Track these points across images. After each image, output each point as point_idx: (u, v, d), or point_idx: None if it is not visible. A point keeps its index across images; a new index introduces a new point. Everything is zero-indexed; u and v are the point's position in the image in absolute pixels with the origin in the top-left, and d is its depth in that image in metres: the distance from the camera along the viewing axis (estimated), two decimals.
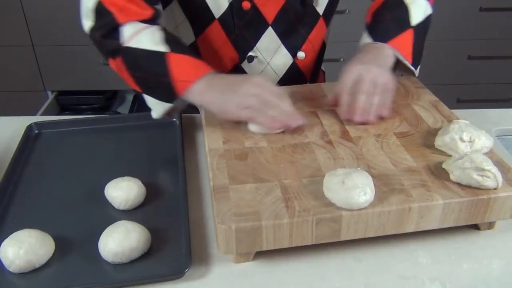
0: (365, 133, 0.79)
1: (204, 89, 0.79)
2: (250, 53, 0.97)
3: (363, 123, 0.81)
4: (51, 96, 2.21)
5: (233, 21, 0.93)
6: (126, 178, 0.76)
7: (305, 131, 0.80)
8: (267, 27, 0.94)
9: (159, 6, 0.88)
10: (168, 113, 0.86)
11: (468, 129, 0.74)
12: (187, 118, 0.98)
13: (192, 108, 0.88)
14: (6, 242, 0.65)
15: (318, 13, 0.96)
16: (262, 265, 0.67)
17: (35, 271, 0.65)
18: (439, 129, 0.78)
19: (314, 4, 0.95)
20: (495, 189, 0.66)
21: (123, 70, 0.84)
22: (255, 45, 0.96)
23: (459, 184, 0.67)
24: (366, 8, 0.98)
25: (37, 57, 2.11)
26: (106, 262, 0.65)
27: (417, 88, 0.93)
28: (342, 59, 2.02)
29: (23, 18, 2.01)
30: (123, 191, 0.74)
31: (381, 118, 0.82)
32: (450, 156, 0.73)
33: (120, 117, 1.00)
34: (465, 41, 2.12)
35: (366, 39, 0.91)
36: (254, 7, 0.91)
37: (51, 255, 0.66)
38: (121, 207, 0.74)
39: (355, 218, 0.63)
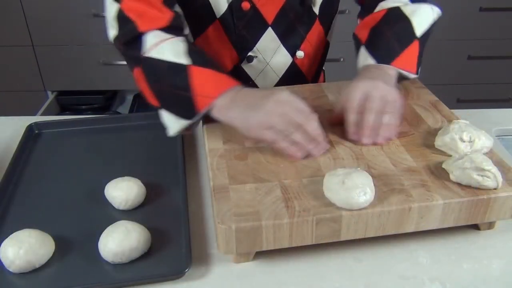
0: None
1: (226, 105, 0.75)
2: (249, 53, 0.97)
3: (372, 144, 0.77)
4: (51, 96, 2.21)
5: (233, 21, 0.93)
6: (126, 178, 0.76)
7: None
8: (266, 27, 0.95)
9: (178, 9, 0.86)
10: (187, 129, 0.81)
11: (468, 129, 0.74)
12: None
13: None
14: (6, 242, 0.65)
15: (314, 13, 0.96)
16: (262, 265, 0.67)
17: (35, 271, 0.65)
18: (439, 129, 0.78)
19: (312, 5, 0.95)
20: (495, 189, 0.66)
21: (142, 81, 0.81)
22: (254, 45, 0.96)
23: (459, 184, 0.67)
24: None
25: (37, 57, 2.11)
26: (106, 262, 0.65)
27: (417, 88, 0.93)
28: (342, 59, 2.02)
29: (23, 18, 2.01)
30: (123, 191, 0.74)
31: (389, 140, 0.77)
32: (450, 156, 0.73)
33: (120, 117, 1.00)
34: (465, 41, 2.12)
35: (368, 60, 0.85)
36: (253, 8, 0.92)
37: (51, 255, 0.66)
38: (121, 207, 0.74)
39: (355, 218, 0.63)
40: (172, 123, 0.80)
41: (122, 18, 0.80)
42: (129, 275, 0.64)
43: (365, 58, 0.86)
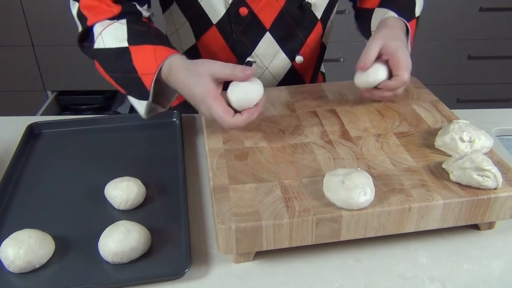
0: (365, 133, 0.79)
1: (166, 77, 0.76)
2: (248, 59, 0.97)
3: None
4: (51, 96, 2.21)
5: (230, 27, 0.92)
6: (126, 178, 0.76)
7: (305, 131, 0.80)
8: (265, 32, 0.94)
9: (134, 1, 0.86)
10: (160, 106, 0.83)
11: (468, 129, 0.74)
12: (187, 118, 0.98)
13: (192, 108, 0.88)
14: (6, 242, 0.65)
15: (316, 17, 0.96)
16: (262, 265, 0.67)
17: (35, 271, 0.65)
18: (439, 129, 0.79)
19: (312, 8, 0.94)
20: (495, 189, 0.66)
21: (102, 72, 0.83)
22: (253, 51, 0.96)
23: (459, 184, 0.67)
24: None
25: (37, 57, 2.11)
26: (106, 262, 0.65)
27: (417, 88, 0.93)
28: (342, 59, 2.03)
29: (23, 18, 2.01)
30: (123, 191, 0.74)
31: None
32: (450, 156, 0.73)
33: (120, 117, 1.00)
34: (465, 41, 2.12)
35: (390, 13, 0.90)
36: (251, 13, 0.91)
37: (51, 255, 0.66)
38: (121, 207, 0.74)
39: (355, 218, 0.63)
40: (137, 106, 0.83)
41: (80, 16, 0.84)
42: (129, 275, 0.64)
43: (383, 13, 0.91)
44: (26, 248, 0.63)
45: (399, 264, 0.66)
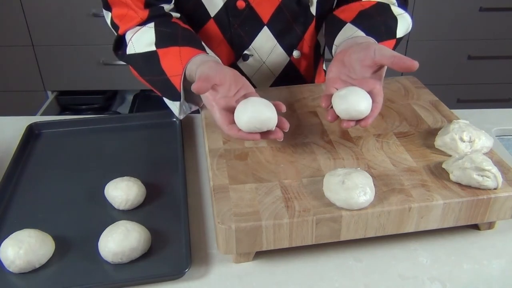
0: (365, 133, 0.79)
1: (192, 75, 0.76)
2: (245, 52, 0.97)
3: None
4: (51, 96, 2.21)
5: (228, 20, 0.93)
6: (126, 178, 0.76)
7: (305, 131, 0.80)
8: (262, 26, 0.94)
9: (161, 4, 0.87)
10: (195, 105, 0.86)
11: (468, 129, 0.74)
12: (187, 118, 0.98)
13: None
14: (6, 242, 0.65)
15: (312, 14, 0.96)
16: (262, 265, 0.67)
17: (35, 271, 0.65)
18: (439, 129, 0.78)
19: (309, 4, 0.94)
20: (495, 189, 0.66)
21: (138, 77, 0.86)
22: (250, 44, 0.96)
23: (459, 184, 0.67)
24: None
25: (37, 57, 2.11)
26: (106, 262, 0.65)
27: (417, 88, 0.93)
28: None
29: (23, 18, 2.01)
30: (123, 191, 0.74)
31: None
32: (450, 156, 0.73)
33: (120, 117, 1.00)
34: (465, 41, 2.12)
35: (357, 32, 0.84)
36: (249, 6, 0.91)
37: (51, 255, 0.66)
38: (121, 207, 0.74)
39: (355, 218, 0.63)
40: (172, 106, 0.87)
41: (113, 25, 0.88)
42: (129, 275, 0.64)
43: (352, 31, 0.85)
44: (26, 248, 0.63)
45: (399, 264, 0.66)
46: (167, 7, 0.88)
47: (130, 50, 0.85)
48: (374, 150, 0.75)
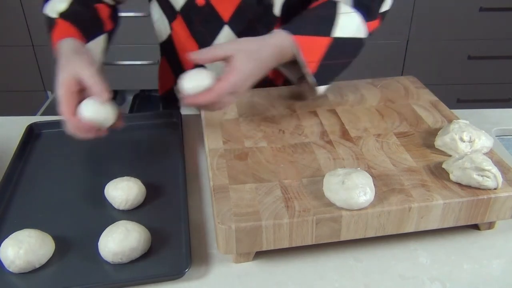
0: (365, 133, 0.79)
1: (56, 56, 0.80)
2: None
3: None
4: (51, 96, 2.21)
5: (190, 16, 0.92)
6: (126, 178, 0.76)
7: (305, 131, 0.80)
8: (223, 25, 0.93)
9: None
10: None
11: (468, 129, 0.74)
12: (187, 118, 0.98)
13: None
14: (6, 242, 0.65)
15: (274, 15, 0.93)
16: (262, 265, 0.67)
17: (35, 271, 0.65)
18: (439, 129, 0.79)
19: (272, 4, 0.91)
20: (495, 189, 0.66)
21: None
22: (212, 42, 0.95)
23: (459, 184, 0.67)
24: None
25: (37, 57, 2.11)
26: (106, 262, 0.65)
27: (417, 88, 0.93)
28: None
29: (23, 18, 2.01)
30: (123, 191, 0.74)
31: None
32: (450, 156, 0.73)
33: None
34: (465, 41, 2.13)
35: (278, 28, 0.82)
36: (208, 4, 0.90)
37: (51, 255, 0.66)
38: (121, 207, 0.74)
39: (355, 218, 0.63)
40: None
41: None
42: (129, 275, 0.64)
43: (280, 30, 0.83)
44: (26, 248, 0.63)
45: (399, 264, 0.66)
46: None
47: (46, 9, 0.89)
48: (374, 150, 0.75)
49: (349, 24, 0.84)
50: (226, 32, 0.94)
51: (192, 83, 0.74)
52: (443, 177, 0.69)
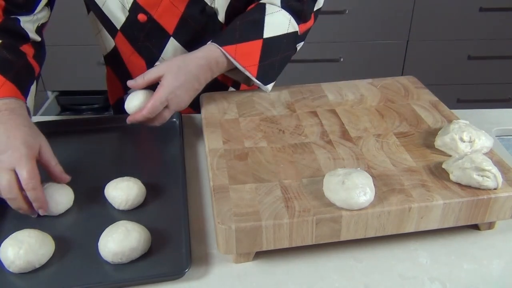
0: (365, 133, 0.79)
1: None
2: (156, 63, 0.97)
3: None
4: (51, 96, 2.21)
5: (133, 32, 0.93)
6: (126, 178, 0.76)
7: (305, 131, 0.80)
8: (168, 38, 0.93)
9: (21, 13, 0.84)
10: None
11: (468, 129, 0.74)
12: (187, 118, 0.98)
13: (192, 108, 0.88)
14: (6, 242, 0.65)
15: (220, 22, 0.94)
16: (262, 265, 0.67)
17: (35, 271, 0.65)
18: (439, 129, 0.79)
19: (216, 13, 0.92)
20: (495, 189, 0.66)
21: None
22: (160, 55, 0.96)
23: (459, 184, 0.67)
24: (365, 8, 0.98)
25: None
26: (106, 262, 0.65)
27: (417, 88, 0.93)
28: (341, 59, 2.03)
29: None
30: (123, 191, 0.74)
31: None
32: (450, 156, 0.73)
33: (120, 117, 0.99)
34: (465, 41, 2.12)
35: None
36: (151, 19, 0.90)
37: (51, 255, 0.66)
38: (121, 207, 0.74)
39: (355, 218, 0.63)
40: None
41: None
42: (129, 275, 0.64)
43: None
44: (26, 248, 0.63)
45: (399, 264, 0.66)
46: (25, 18, 0.85)
47: None
48: (374, 150, 0.75)
49: (278, 22, 0.87)
50: (172, 44, 0.94)
51: (133, 103, 0.84)
52: (443, 177, 0.69)
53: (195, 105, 0.91)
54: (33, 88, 0.86)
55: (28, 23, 0.87)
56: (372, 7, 1.99)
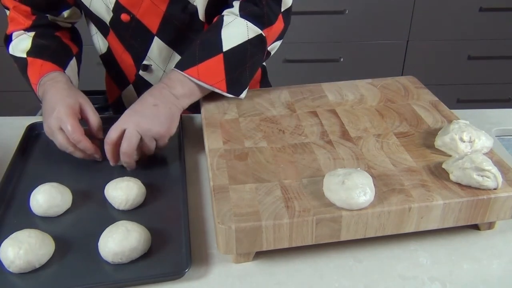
0: (365, 133, 0.79)
1: (40, 93, 0.88)
2: (144, 62, 0.98)
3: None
4: None
5: (119, 32, 0.95)
6: (126, 178, 0.76)
7: (305, 131, 0.80)
8: (152, 37, 0.94)
9: (47, 14, 0.96)
10: None
11: (468, 129, 0.74)
12: (187, 118, 0.98)
13: (192, 108, 0.88)
14: (6, 242, 0.65)
15: (201, 21, 0.93)
16: (262, 265, 0.67)
17: (35, 271, 0.65)
18: (439, 129, 0.79)
19: (197, 11, 0.92)
20: (495, 189, 0.66)
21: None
22: (146, 54, 0.97)
23: (459, 184, 0.67)
24: (365, 8, 0.98)
25: None
26: (106, 262, 0.65)
27: (417, 88, 0.93)
28: (341, 59, 2.03)
29: None
30: (123, 191, 0.74)
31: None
32: (450, 156, 0.73)
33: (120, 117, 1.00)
34: (465, 41, 2.12)
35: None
36: (134, 19, 0.91)
37: (51, 255, 0.66)
38: (121, 207, 0.74)
39: (355, 218, 0.63)
40: None
41: (8, 22, 0.98)
42: (129, 275, 0.64)
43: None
44: (26, 248, 0.63)
45: (399, 264, 0.66)
46: (59, 17, 0.97)
47: (10, 50, 0.96)
48: (374, 150, 0.75)
49: (235, 32, 0.86)
50: (157, 43, 0.95)
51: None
52: (443, 177, 0.69)
53: (195, 105, 0.91)
54: (72, 62, 0.96)
55: (60, 22, 0.99)
56: (372, 7, 1.99)
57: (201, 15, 0.93)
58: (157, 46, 0.95)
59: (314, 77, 2.01)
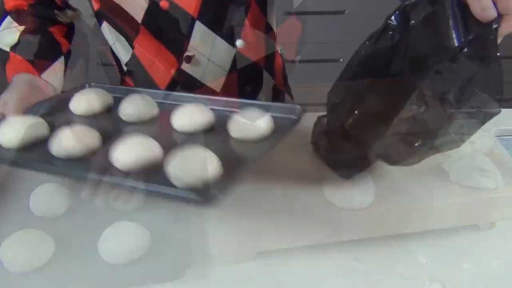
0: None
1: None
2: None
3: None
4: None
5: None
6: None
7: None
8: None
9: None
10: None
11: None
12: None
13: None
14: (6, 242, 0.65)
15: None
16: (262, 265, 0.67)
17: (35, 271, 0.64)
18: None
19: None
20: (495, 189, 0.66)
21: None
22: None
23: (459, 184, 0.67)
24: (366, 8, 0.97)
25: None
26: (106, 262, 0.65)
27: None
28: (342, 59, 2.02)
29: None
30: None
31: None
32: (450, 156, 0.73)
33: None
34: None
35: None
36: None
37: (51, 255, 0.66)
38: (121, 207, 0.74)
39: (355, 218, 0.63)
40: None
41: None
42: (129, 275, 0.64)
43: None
44: (26, 248, 0.63)
45: (399, 264, 0.66)
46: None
47: None
48: None
49: None
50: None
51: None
52: (443, 177, 0.69)
53: None
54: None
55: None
56: (372, 7, 1.99)
57: None
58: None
59: (314, 77, 2.01)
